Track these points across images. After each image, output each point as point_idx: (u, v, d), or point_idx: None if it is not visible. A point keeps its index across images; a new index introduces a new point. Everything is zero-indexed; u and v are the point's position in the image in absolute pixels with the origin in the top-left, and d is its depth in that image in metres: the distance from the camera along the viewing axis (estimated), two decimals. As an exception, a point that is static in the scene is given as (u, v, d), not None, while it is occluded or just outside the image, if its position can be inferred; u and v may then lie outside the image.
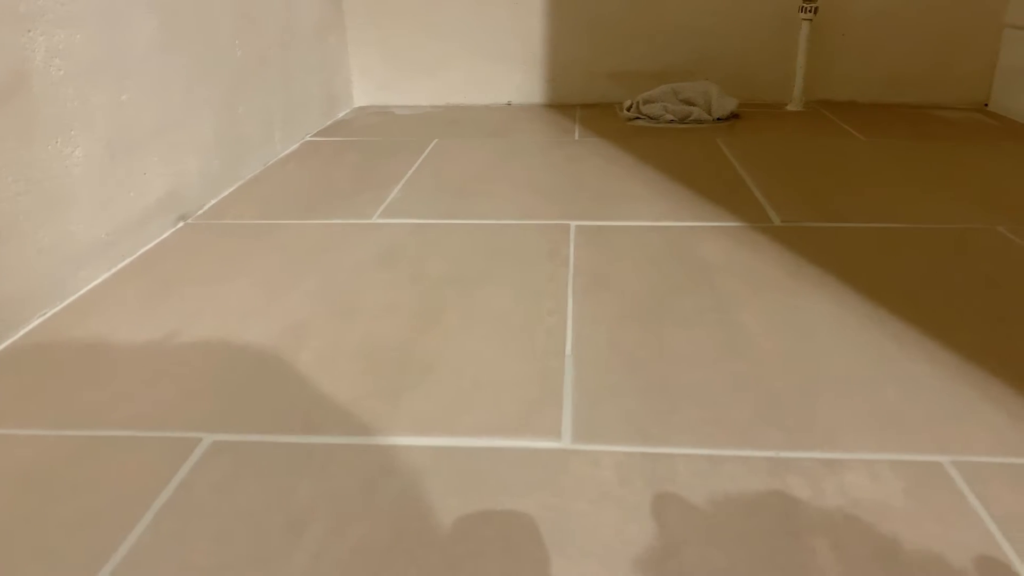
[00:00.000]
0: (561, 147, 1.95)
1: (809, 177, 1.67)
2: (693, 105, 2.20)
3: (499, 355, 0.96)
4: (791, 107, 2.34)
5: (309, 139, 2.09)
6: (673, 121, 2.17)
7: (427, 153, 1.91)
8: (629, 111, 2.25)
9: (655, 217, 1.43)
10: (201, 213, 1.51)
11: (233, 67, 1.67)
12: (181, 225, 1.44)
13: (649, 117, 2.20)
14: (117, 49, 1.26)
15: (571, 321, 1.05)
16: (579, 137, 2.05)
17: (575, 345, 0.98)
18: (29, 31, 1.06)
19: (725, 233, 1.35)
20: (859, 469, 0.74)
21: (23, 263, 1.06)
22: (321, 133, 2.16)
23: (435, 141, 2.02)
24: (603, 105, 2.44)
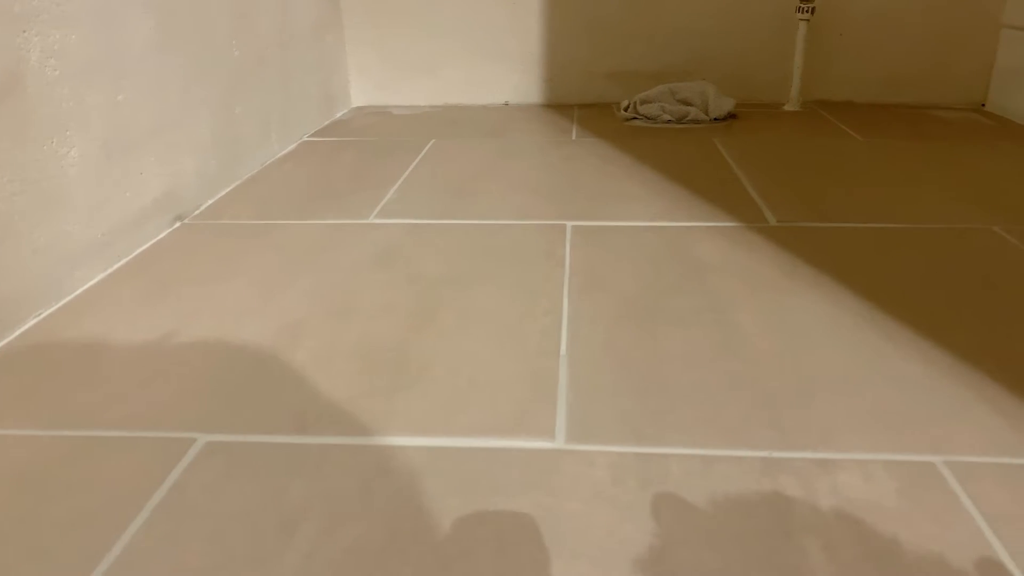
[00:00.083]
0: (558, 147, 1.95)
1: (806, 177, 1.67)
2: (690, 105, 2.20)
3: (494, 355, 0.97)
4: (788, 107, 2.34)
5: (306, 139, 2.09)
6: (670, 121, 2.17)
7: (424, 153, 1.91)
8: (626, 111, 2.25)
9: (651, 217, 1.43)
10: (198, 213, 1.51)
11: (230, 67, 1.67)
12: (178, 225, 1.44)
13: (646, 117, 2.20)
14: (113, 49, 1.26)
15: (566, 321, 1.05)
16: (576, 137, 2.05)
17: (570, 345, 0.98)
18: (24, 31, 1.06)
19: (721, 233, 1.35)
20: (852, 469, 0.75)
21: (19, 263, 1.06)
22: (318, 133, 2.16)
23: (432, 141, 2.02)
24: (601, 105, 2.44)
